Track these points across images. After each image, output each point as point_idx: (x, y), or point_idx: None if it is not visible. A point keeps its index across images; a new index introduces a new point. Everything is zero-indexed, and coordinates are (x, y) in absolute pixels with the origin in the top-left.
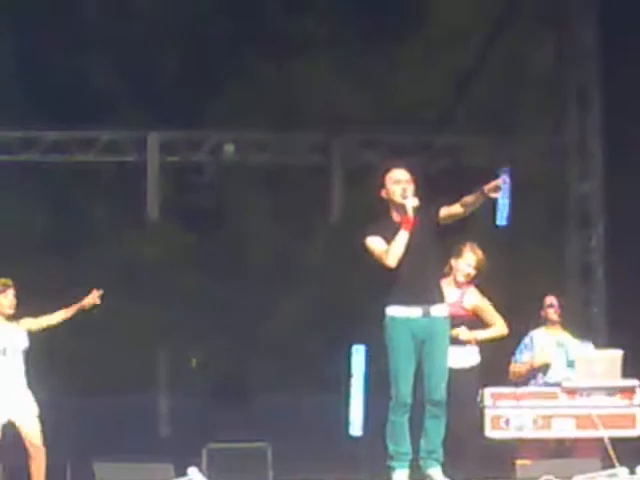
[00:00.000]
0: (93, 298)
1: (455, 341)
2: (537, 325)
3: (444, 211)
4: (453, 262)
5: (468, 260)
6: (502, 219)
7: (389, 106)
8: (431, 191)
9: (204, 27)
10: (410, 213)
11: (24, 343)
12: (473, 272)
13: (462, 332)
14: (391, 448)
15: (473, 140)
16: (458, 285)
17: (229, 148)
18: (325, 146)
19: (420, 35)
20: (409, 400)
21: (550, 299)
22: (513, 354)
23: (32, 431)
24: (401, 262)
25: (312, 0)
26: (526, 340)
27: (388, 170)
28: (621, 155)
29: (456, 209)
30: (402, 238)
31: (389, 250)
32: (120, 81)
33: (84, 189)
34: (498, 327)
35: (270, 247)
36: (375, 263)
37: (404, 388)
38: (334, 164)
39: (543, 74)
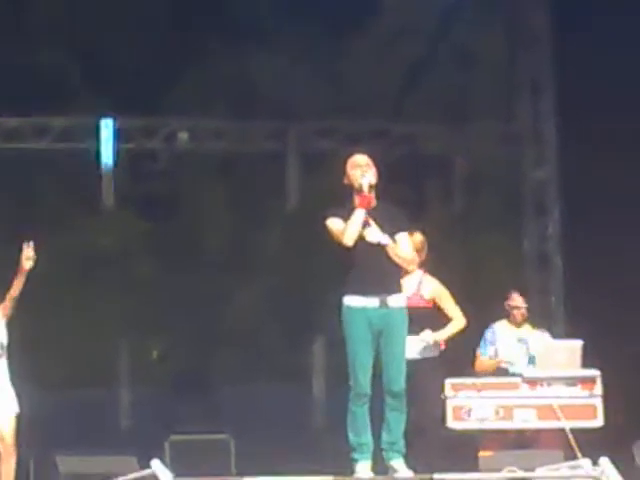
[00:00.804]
0: (27, 252)
1: (414, 332)
2: (499, 316)
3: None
4: None
5: None
6: (459, 206)
7: (345, 95)
8: (387, 180)
9: (160, 14)
10: (366, 190)
11: (3, 337)
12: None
13: (427, 335)
14: (352, 439)
15: (428, 128)
16: (406, 273)
17: (183, 136)
18: (281, 134)
19: (374, 25)
20: (368, 390)
21: (515, 300)
22: (478, 347)
23: (7, 430)
24: (359, 252)
25: None
26: (488, 334)
27: (349, 156)
28: (576, 141)
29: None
30: (358, 216)
31: (346, 229)
32: (75, 68)
33: (38, 177)
34: (457, 320)
35: (226, 235)
36: (333, 250)
37: (362, 378)
38: (290, 152)
39: (495, 61)
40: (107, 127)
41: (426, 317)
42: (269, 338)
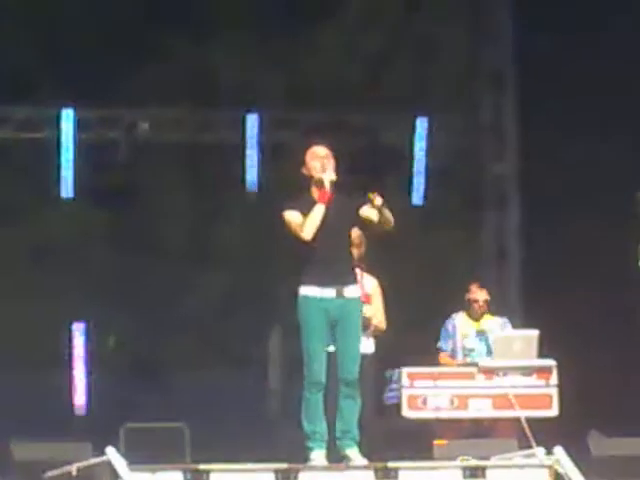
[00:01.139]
0: None
1: None
2: (459, 306)
3: (363, 211)
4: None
5: None
6: (418, 199)
7: (305, 85)
8: (347, 171)
9: (119, 4)
10: (327, 186)
11: None
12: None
13: (367, 309)
14: (307, 427)
15: (388, 119)
16: None
17: (144, 126)
18: (241, 124)
19: (335, 16)
20: (322, 379)
21: (475, 293)
22: (437, 340)
23: None
24: (317, 242)
25: None
26: (448, 327)
27: (309, 147)
28: (536, 135)
29: (372, 216)
30: (318, 211)
31: (305, 223)
32: (35, 58)
33: None
34: (382, 321)
35: (185, 225)
36: (291, 240)
37: (317, 367)
38: (250, 142)
39: (457, 54)
40: (67, 117)
41: None
42: (226, 327)
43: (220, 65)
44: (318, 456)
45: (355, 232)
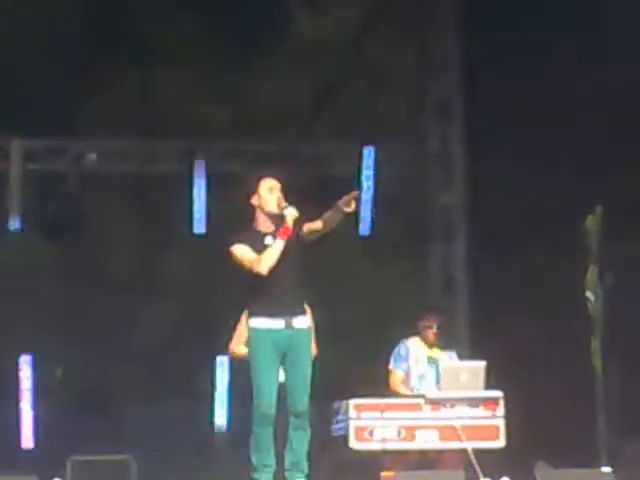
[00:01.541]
0: None
1: None
2: (410, 334)
3: (306, 227)
4: None
5: None
6: (365, 229)
7: (253, 116)
8: (296, 201)
9: (68, 35)
10: (290, 223)
11: None
12: None
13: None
14: (254, 460)
15: (337, 149)
16: None
17: (92, 157)
18: (189, 155)
19: (283, 47)
20: (272, 411)
21: (430, 319)
22: (387, 362)
23: None
24: (266, 275)
25: (175, 11)
26: (401, 350)
27: (260, 178)
28: (483, 165)
29: (317, 225)
30: (278, 247)
31: (263, 258)
32: None
33: None
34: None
35: (132, 257)
36: (239, 272)
37: (267, 400)
38: (198, 173)
39: (405, 83)
40: (15, 148)
41: None
42: (173, 358)
43: (167, 96)
44: None
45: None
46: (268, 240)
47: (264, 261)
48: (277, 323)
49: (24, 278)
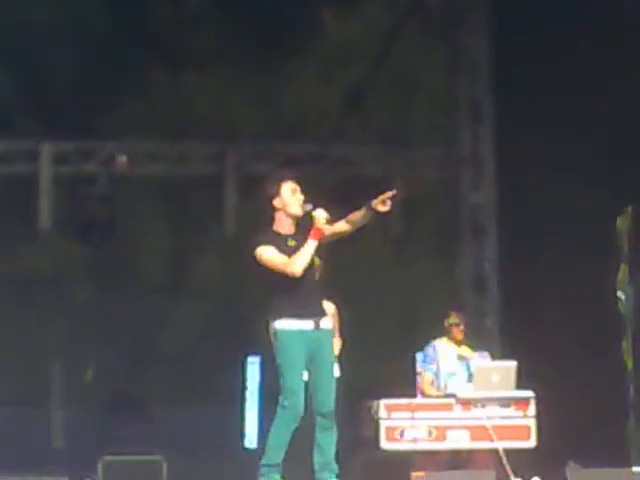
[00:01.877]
0: None
1: None
2: (439, 334)
3: (330, 230)
4: None
5: None
6: (396, 230)
7: (283, 117)
8: (325, 202)
9: (98, 37)
10: (321, 224)
11: None
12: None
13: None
14: (272, 458)
15: (367, 151)
16: None
17: (122, 159)
18: (219, 157)
19: (313, 49)
20: (302, 412)
21: (455, 317)
22: (417, 365)
23: None
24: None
25: (206, 13)
26: (429, 351)
27: (282, 180)
28: (513, 165)
29: (341, 227)
30: (311, 247)
31: (296, 259)
32: (13, 91)
33: None
34: (338, 340)
35: (164, 258)
36: (267, 274)
37: (298, 400)
38: (228, 175)
39: (435, 85)
40: (45, 151)
41: None
42: (204, 359)
43: (198, 97)
44: None
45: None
46: (290, 242)
47: (298, 262)
48: (307, 324)
49: (54, 281)
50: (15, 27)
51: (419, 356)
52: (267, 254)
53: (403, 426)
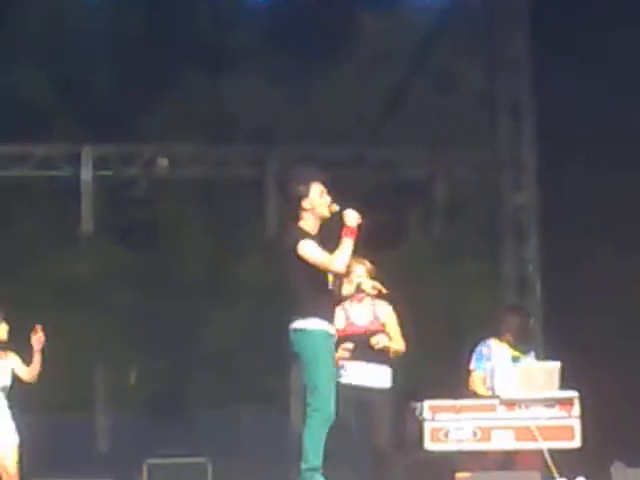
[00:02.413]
0: (36, 334)
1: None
2: (487, 335)
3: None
4: (347, 281)
5: (357, 271)
6: (438, 231)
7: (323, 120)
8: (365, 204)
9: (138, 41)
10: (353, 224)
11: (8, 381)
12: (366, 281)
13: (381, 339)
14: (314, 461)
15: (408, 153)
16: (359, 300)
17: (163, 162)
18: (259, 159)
19: (353, 51)
20: (333, 413)
21: (510, 321)
22: (468, 363)
23: (10, 462)
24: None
25: (245, 16)
26: (483, 350)
27: (311, 181)
28: (555, 165)
29: None
30: (350, 245)
31: (338, 256)
32: (54, 95)
33: (18, 205)
34: (400, 343)
35: (205, 261)
36: (308, 273)
37: (332, 402)
38: (268, 177)
39: (475, 85)
40: (86, 155)
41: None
42: (247, 362)
43: (238, 100)
44: None
45: (366, 264)
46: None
47: (341, 259)
48: (333, 330)
49: (96, 285)
50: (56, 31)
51: (474, 354)
52: (310, 248)
53: (447, 427)
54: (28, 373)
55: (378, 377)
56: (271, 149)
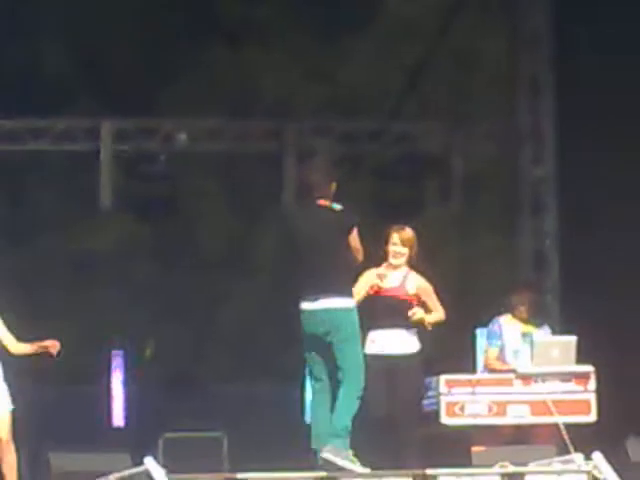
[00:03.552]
0: (52, 347)
1: (398, 325)
2: (502, 310)
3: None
4: (385, 249)
5: (394, 240)
6: (456, 205)
7: (342, 94)
8: (385, 178)
9: (157, 15)
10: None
11: None
12: (402, 250)
13: (418, 312)
14: (350, 427)
15: (426, 127)
16: (394, 267)
17: (182, 136)
18: (278, 133)
19: (372, 25)
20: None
21: (522, 296)
22: (479, 340)
23: (1, 426)
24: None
25: None
26: (494, 327)
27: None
28: (574, 139)
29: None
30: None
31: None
32: (74, 69)
33: (37, 178)
34: (439, 313)
35: (224, 235)
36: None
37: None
38: (287, 151)
39: (495, 60)
40: (106, 129)
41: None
42: (264, 336)
43: (257, 74)
44: None
45: (408, 232)
46: None
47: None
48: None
49: (115, 258)
50: (75, 3)
51: (481, 332)
52: (357, 235)
53: (463, 401)
54: (15, 348)
55: (406, 343)
56: (290, 123)
